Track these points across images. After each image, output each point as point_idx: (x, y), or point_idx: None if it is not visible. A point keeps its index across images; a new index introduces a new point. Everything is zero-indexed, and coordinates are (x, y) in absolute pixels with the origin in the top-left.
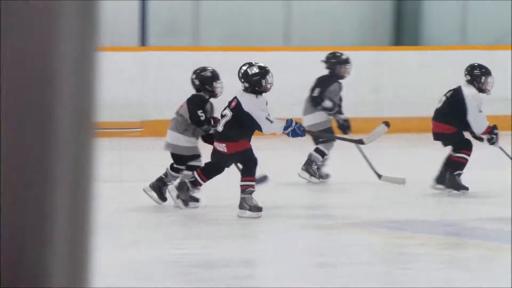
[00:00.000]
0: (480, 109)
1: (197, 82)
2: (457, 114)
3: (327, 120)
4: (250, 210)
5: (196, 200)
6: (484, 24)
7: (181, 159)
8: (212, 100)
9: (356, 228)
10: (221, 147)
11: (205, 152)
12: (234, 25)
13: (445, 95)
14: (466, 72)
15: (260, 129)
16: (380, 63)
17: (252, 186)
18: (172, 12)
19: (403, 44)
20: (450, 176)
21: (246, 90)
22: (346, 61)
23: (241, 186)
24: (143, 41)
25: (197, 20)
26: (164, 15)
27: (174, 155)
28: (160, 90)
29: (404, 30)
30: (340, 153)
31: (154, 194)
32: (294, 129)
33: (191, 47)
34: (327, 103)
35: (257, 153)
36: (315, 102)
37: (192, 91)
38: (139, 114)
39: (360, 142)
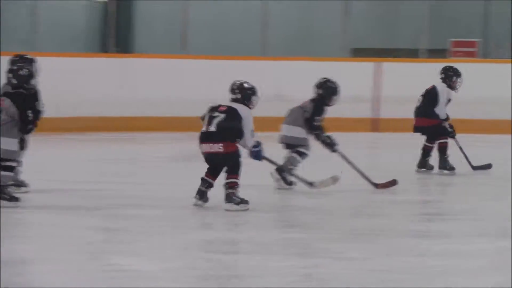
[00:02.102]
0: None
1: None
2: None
3: None
4: (238, 203)
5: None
6: None
7: None
8: None
9: None
10: (216, 147)
11: None
12: None
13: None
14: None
15: (241, 137)
16: None
17: (237, 183)
18: None
19: None
20: (441, 159)
21: (235, 100)
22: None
23: (229, 183)
24: None
25: None
26: None
27: None
28: None
29: None
30: None
31: None
32: (259, 151)
33: None
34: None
35: None
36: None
37: None
38: None
39: (311, 185)
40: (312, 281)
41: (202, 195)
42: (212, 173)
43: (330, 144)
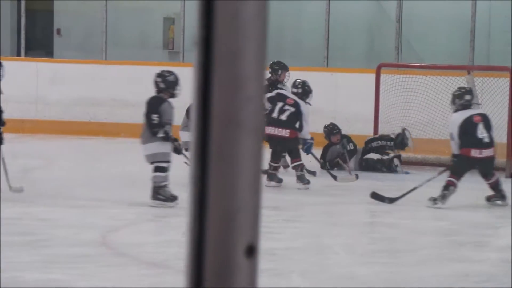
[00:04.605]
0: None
1: (161, 85)
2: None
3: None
4: (306, 183)
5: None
6: None
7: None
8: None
9: None
10: (283, 132)
11: None
12: None
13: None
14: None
15: (301, 128)
16: None
17: (303, 164)
18: None
19: None
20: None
21: (296, 94)
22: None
23: (296, 166)
24: None
25: None
26: None
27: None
28: None
29: None
30: None
31: None
32: (310, 145)
33: None
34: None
35: None
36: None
37: None
38: None
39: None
40: None
41: (270, 177)
42: (274, 157)
43: None
